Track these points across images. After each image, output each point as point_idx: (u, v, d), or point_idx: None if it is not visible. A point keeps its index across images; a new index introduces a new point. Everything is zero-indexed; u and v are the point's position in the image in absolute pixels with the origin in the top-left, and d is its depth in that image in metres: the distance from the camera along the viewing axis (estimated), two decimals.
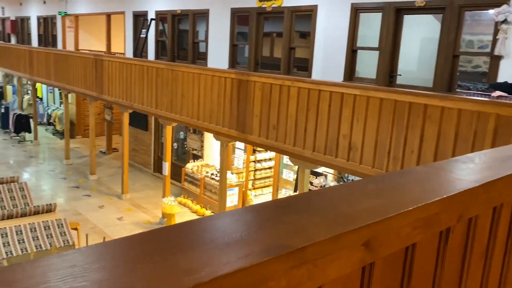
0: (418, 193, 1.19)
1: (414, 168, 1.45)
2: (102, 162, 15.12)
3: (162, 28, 12.80)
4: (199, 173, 11.12)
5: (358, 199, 1.11)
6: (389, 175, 1.40)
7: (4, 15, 24.27)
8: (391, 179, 1.33)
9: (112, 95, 11.16)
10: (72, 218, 10.16)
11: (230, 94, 7.64)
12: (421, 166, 1.48)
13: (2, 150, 15.82)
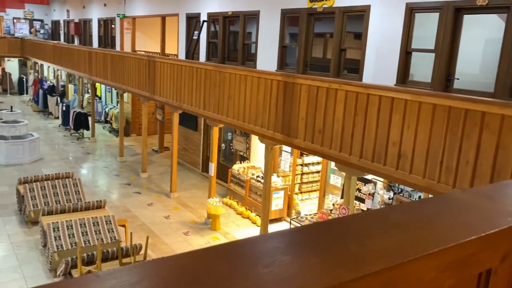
0: (450, 228, 0.99)
1: (452, 194, 1.25)
2: (154, 160, 15.50)
3: (214, 29, 12.90)
4: (245, 175, 11.07)
5: (373, 234, 0.93)
6: (418, 203, 1.20)
7: (69, 17, 25.61)
8: (420, 208, 1.13)
9: (163, 95, 11.38)
10: (121, 215, 10.46)
11: (276, 97, 7.51)
12: (460, 192, 1.27)
13: (62, 146, 16.64)
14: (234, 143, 11.95)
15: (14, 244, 8.76)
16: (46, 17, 29.97)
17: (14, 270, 7.78)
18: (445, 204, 1.15)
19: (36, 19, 29.75)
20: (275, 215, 10.43)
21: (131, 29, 18.36)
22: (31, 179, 9.95)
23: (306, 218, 8.78)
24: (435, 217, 1.04)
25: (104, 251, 6.89)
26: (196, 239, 9.49)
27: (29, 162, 14.09)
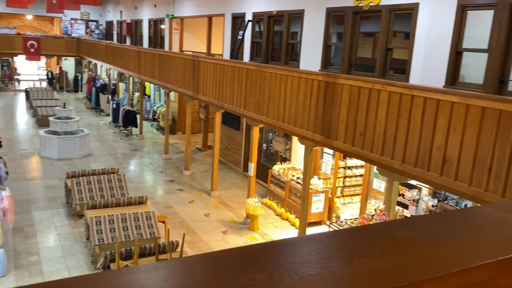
0: (461, 249, 0.85)
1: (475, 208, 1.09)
2: (197, 158, 15.71)
3: (259, 29, 12.87)
4: (285, 176, 10.94)
5: (368, 252, 0.81)
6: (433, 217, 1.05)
7: (121, 18, 26.52)
8: (432, 223, 0.99)
9: (206, 94, 11.48)
10: (163, 211, 10.65)
11: (316, 97, 7.34)
12: (486, 206, 1.11)
13: (111, 142, 17.23)
14: (274, 143, 11.86)
15: (60, 236, 9.12)
16: (101, 18, 31.21)
17: (59, 261, 8.10)
18: (463, 219, 1.00)
19: (91, 20, 31.06)
20: (315, 218, 10.24)
21: (179, 30, 18.71)
22: (79, 173, 10.33)
23: (345, 223, 8.53)
24: (447, 235, 0.90)
25: (142, 247, 7.01)
26: (234, 238, 9.49)
27: (79, 157, 14.69)
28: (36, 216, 10.02)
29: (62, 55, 28.73)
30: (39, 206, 10.59)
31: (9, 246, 8.52)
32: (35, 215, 10.07)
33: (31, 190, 11.59)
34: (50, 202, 10.83)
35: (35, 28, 33.49)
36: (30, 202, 10.80)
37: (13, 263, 7.91)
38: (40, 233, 9.19)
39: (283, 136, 11.18)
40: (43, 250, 8.47)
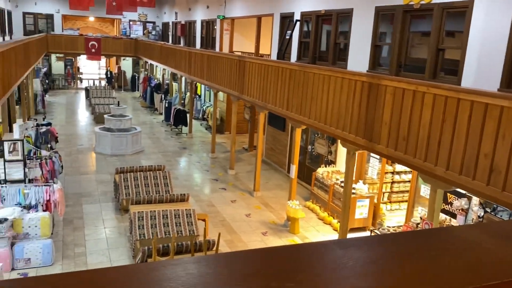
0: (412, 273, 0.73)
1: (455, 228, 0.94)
2: (243, 158, 15.78)
3: (307, 29, 12.70)
4: (329, 180, 10.71)
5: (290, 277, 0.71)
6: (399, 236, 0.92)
7: (176, 19, 27.24)
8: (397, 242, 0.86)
9: (251, 95, 11.48)
10: (206, 209, 10.78)
11: (359, 98, 7.10)
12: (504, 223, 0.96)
13: (162, 140, 17.72)
14: (316, 146, 11.65)
15: (107, 229, 9.48)
16: (158, 19, 32.25)
17: (103, 253, 8.41)
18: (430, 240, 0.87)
19: (148, 21, 32.17)
20: (358, 224, 9.94)
21: (229, 30, 18.89)
22: (127, 169, 10.69)
23: (388, 230, 8.19)
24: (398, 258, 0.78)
25: (179, 244, 7.12)
26: (273, 240, 9.41)
27: (131, 154, 15.23)
28: (86, 209, 10.48)
29: (121, 55, 29.98)
30: (90, 199, 11.08)
31: (58, 236, 8.96)
32: (85, 208, 10.54)
33: (84, 184, 12.15)
34: (100, 196, 11.30)
35: (97, 29, 35.21)
36: (81, 195, 11.33)
37: (61, 253, 8.31)
38: (88, 225, 9.60)
39: (325, 138, 10.95)
40: (89, 242, 8.84)
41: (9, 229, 7.54)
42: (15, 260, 7.60)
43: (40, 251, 7.72)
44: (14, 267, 7.60)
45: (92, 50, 27.96)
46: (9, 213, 7.67)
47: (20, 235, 7.79)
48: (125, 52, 29.08)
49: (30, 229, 7.84)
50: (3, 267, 7.44)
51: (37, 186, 8.89)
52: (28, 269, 7.63)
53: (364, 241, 0.87)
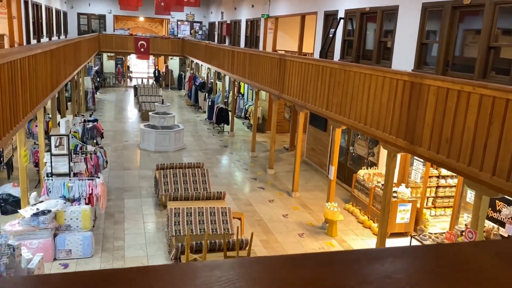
0: None
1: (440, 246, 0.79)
2: (283, 158, 15.65)
3: (351, 27, 12.38)
4: (370, 182, 10.38)
5: None
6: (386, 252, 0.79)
7: (222, 19, 27.49)
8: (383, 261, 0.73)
9: (291, 94, 11.34)
10: (242, 208, 10.76)
11: (400, 98, 6.79)
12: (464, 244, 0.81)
13: (204, 138, 17.93)
14: (356, 147, 11.33)
15: (146, 224, 9.67)
16: (204, 19, 32.70)
17: (140, 248, 8.57)
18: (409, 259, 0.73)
19: (196, 21, 32.69)
20: (399, 229, 9.57)
21: (273, 29, 18.81)
22: (167, 166, 10.86)
23: (429, 237, 7.80)
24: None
25: (212, 242, 7.12)
26: (309, 242, 9.23)
27: (173, 150, 15.50)
28: (127, 203, 10.75)
29: (168, 55, 30.67)
30: (131, 194, 11.35)
31: (99, 229, 9.24)
32: (126, 202, 10.81)
33: (127, 179, 12.48)
34: (141, 191, 11.56)
35: (146, 29, 36.22)
36: (124, 190, 11.64)
37: (101, 246, 8.55)
38: (128, 220, 9.83)
39: (366, 140, 10.61)
40: (128, 236, 9.04)
41: (52, 220, 7.84)
42: (57, 250, 7.90)
43: (81, 243, 7.97)
44: (56, 257, 7.90)
45: (141, 50, 28.77)
46: (53, 205, 7.98)
47: (63, 227, 8.09)
48: (173, 51, 29.71)
49: (71, 221, 8.12)
50: (45, 256, 7.76)
51: (81, 180, 9.21)
52: (68, 260, 7.91)
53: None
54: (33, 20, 17.73)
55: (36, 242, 7.68)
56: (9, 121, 5.80)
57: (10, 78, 5.83)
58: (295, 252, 8.75)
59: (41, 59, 8.01)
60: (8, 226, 7.62)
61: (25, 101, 6.70)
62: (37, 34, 18.53)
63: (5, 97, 5.58)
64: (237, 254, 6.72)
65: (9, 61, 5.78)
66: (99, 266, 7.81)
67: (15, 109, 6.20)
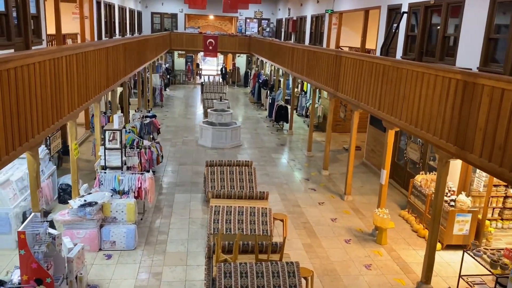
0: None
1: None
2: (341, 158, 15.10)
3: (415, 21, 11.57)
4: (427, 188, 9.62)
5: None
6: None
7: (289, 15, 27.21)
8: None
9: (345, 92, 10.85)
10: (290, 209, 10.51)
11: (452, 99, 6.15)
12: None
13: (262, 136, 17.83)
14: (408, 150, 10.55)
15: (191, 220, 9.76)
16: (272, 16, 32.63)
17: (182, 243, 8.65)
18: None
19: (264, 18, 32.72)
20: (457, 241, 8.78)
21: (337, 24, 18.21)
22: (216, 163, 10.87)
23: (484, 253, 7.01)
24: None
25: (245, 243, 6.96)
26: (356, 249, 8.76)
27: (229, 147, 15.59)
28: (177, 198, 10.94)
29: (235, 52, 31.02)
30: (182, 189, 11.55)
31: (146, 223, 9.48)
32: (176, 197, 11.01)
33: (180, 174, 12.73)
34: (192, 187, 11.72)
35: (216, 28, 36.96)
36: (176, 184, 11.88)
37: (145, 238, 8.75)
38: (175, 214, 9.99)
39: (418, 143, 9.84)
40: (172, 230, 9.18)
41: (98, 212, 8.15)
42: (102, 241, 8.20)
43: (124, 235, 8.21)
44: (101, 247, 8.21)
45: (209, 48, 29.37)
46: (100, 197, 8.29)
47: (109, 219, 8.38)
48: (240, 49, 30.00)
49: (117, 213, 8.38)
50: (91, 246, 8.10)
51: (131, 174, 9.50)
52: (112, 251, 8.18)
53: None
54: (105, 20, 18.74)
55: (82, 232, 8.03)
56: (51, 116, 6.07)
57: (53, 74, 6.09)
58: (338, 258, 8.34)
59: (92, 56, 8.34)
60: (59, 216, 8.05)
61: (71, 97, 6.99)
62: (109, 32, 19.57)
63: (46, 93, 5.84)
64: (267, 258, 6.49)
65: (52, 58, 6.04)
66: (140, 259, 7.99)
67: (59, 104, 6.48)
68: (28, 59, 5.08)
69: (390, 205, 11.09)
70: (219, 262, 6.31)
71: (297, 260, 8.06)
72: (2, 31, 9.03)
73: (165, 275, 7.52)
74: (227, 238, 7.67)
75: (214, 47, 29.31)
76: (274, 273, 6.16)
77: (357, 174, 13.48)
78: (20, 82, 4.90)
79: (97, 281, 7.23)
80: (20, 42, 9.86)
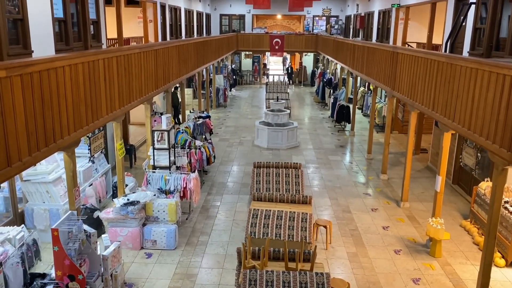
0: None
1: None
2: (404, 162, 14.15)
3: (485, 13, 10.48)
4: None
5: None
6: None
7: (358, 11, 26.24)
8: None
9: (401, 91, 10.10)
10: (339, 215, 10.03)
11: (507, 99, 5.38)
12: None
13: (321, 136, 17.31)
14: (464, 155, 9.52)
15: (234, 222, 9.65)
16: (341, 13, 31.70)
17: (221, 246, 8.57)
18: None
19: (332, 15, 31.91)
20: None
21: (404, 19, 17.17)
22: (263, 164, 10.67)
23: None
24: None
25: (275, 250, 6.69)
26: (405, 261, 8.09)
27: (285, 148, 15.32)
28: (225, 199, 10.91)
29: (302, 51, 30.61)
30: (231, 190, 11.50)
31: (191, 223, 9.54)
32: (224, 197, 10.99)
33: (232, 174, 12.71)
34: (241, 188, 11.63)
35: (284, 27, 36.74)
36: (225, 185, 11.86)
37: (187, 239, 8.79)
38: (220, 215, 9.96)
39: (474, 147, 8.84)
40: (215, 232, 9.13)
41: (141, 211, 8.32)
42: (144, 240, 8.37)
43: (165, 235, 8.31)
44: (143, 246, 8.37)
45: (276, 47, 29.28)
46: (142, 196, 8.47)
47: (151, 218, 8.53)
48: (306, 47, 29.53)
49: (159, 213, 8.51)
50: (133, 244, 8.29)
51: (178, 173, 9.62)
52: (153, 250, 8.31)
53: None
54: (170, 23, 19.34)
55: (125, 230, 8.25)
56: (84, 117, 6.25)
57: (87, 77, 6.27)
58: (384, 270, 7.75)
59: (137, 59, 8.53)
60: (103, 214, 8.34)
61: (110, 98, 7.17)
62: (175, 35, 20.18)
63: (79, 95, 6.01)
64: (296, 266, 6.16)
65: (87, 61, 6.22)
66: (178, 259, 8.03)
67: (95, 106, 6.67)
68: (55, 62, 5.24)
69: (452, 213, 10.16)
70: (246, 269, 6.11)
71: (335, 270, 7.65)
72: (61, 37, 9.58)
73: (200, 277, 7.48)
74: (262, 243, 7.45)
75: (280, 47, 29.15)
76: (302, 284, 5.83)
77: (419, 179, 12.56)
78: (46, 85, 5.06)
79: (134, 280, 7.36)
80: (79, 47, 10.42)
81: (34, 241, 7.56)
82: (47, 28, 8.44)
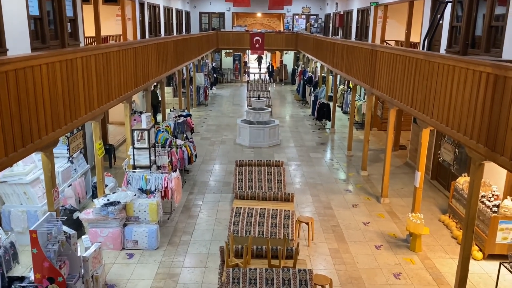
0: None
1: None
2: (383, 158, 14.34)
3: (461, 12, 10.69)
4: None
5: None
6: None
7: (337, 10, 26.43)
8: None
9: (380, 88, 10.23)
10: (320, 211, 10.11)
11: (483, 95, 5.51)
12: None
13: (302, 134, 17.40)
14: (442, 151, 9.72)
15: (217, 220, 9.63)
16: (321, 11, 31.90)
17: (204, 245, 8.53)
18: None
19: (312, 14, 32.08)
20: (501, 250, 7.98)
21: (382, 18, 17.38)
22: (245, 162, 10.67)
23: None
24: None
25: (258, 248, 6.70)
26: (386, 256, 8.20)
27: (267, 146, 15.34)
28: (207, 198, 10.87)
29: (282, 49, 30.67)
30: (213, 189, 11.47)
31: (173, 223, 9.47)
32: (206, 196, 10.94)
33: (214, 173, 12.66)
34: (223, 187, 11.60)
35: (264, 25, 36.76)
36: (207, 184, 11.81)
37: (168, 238, 8.73)
38: (202, 214, 9.91)
39: (451, 143, 9.04)
40: (197, 231, 9.09)
41: (121, 211, 8.22)
42: (125, 240, 8.27)
43: (146, 235, 8.23)
44: (124, 247, 8.27)
45: (256, 45, 29.29)
46: (123, 196, 8.36)
47: (132, 218, 8.43)
48: (287, 46, 29.62)
49: (140, 213, 8.42)
50: (114, 245, 8.18)
51: (158, 173, 9.53)
52: (135, 250, 8.22)
53: None
54: (149, 21, 19.13)
55: (106, 231, 8.14)
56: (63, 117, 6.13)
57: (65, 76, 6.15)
58: (365, 265, 7.84)
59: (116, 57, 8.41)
60: (83, 214, 8.21)
61: (88, 97, 7.05)
62: (154, 33, 19.97)
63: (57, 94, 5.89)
64: (279, 264, 6.18)
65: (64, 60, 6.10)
66: (160, 259, 7.96)
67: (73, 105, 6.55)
68: (31, 60, 5.12)
69: (431, 208, 10.35)
70: (229, 267, 6.10)
71: (317, 266, 7.71)
72: (37, 35, 9.38)
73: (182, 276, 7.43)
74: (245, 241, 7.45)
75: (261, 45, 29.18)
76: (285, 280, 5.85)
77: (398, 175, 12.76)
78: (22, 84, 4.95)
79: (115, 281, 7.27)
80: (56, 45, 10.21)
81: (12, 244, 7.40)
82: (23, 26, 8.25)
